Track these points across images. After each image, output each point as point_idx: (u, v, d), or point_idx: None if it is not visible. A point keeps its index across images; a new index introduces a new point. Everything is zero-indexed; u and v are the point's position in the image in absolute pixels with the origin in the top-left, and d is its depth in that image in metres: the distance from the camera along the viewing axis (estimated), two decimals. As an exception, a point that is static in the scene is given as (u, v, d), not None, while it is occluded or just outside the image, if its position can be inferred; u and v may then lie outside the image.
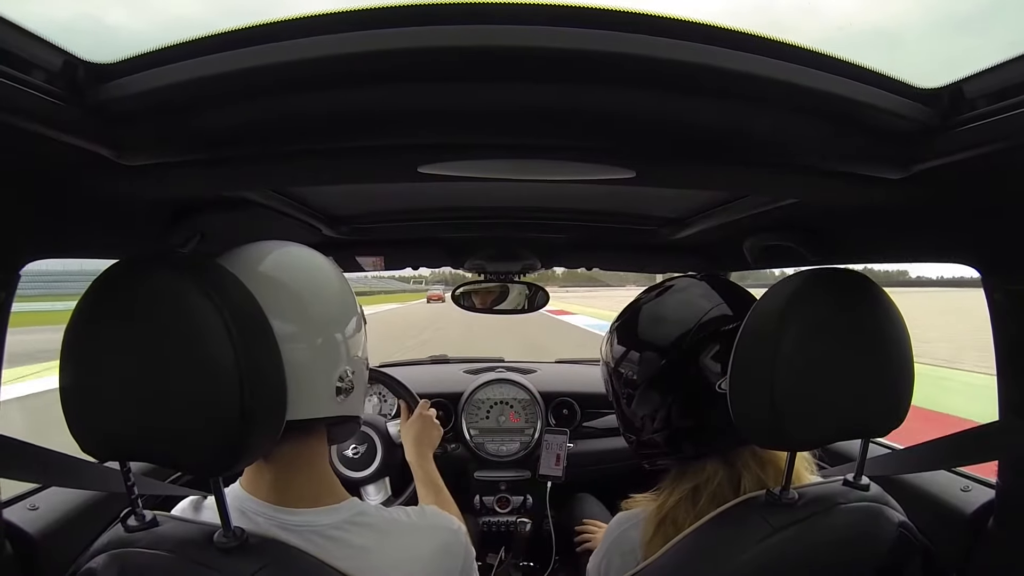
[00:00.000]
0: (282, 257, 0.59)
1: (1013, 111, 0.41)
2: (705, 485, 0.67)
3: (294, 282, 0.57)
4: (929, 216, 0.64)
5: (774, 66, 0.40)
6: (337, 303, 0.60)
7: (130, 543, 0.49)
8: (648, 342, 0.71)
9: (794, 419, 0.54)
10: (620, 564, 0.69)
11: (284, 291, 0.56)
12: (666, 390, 0.68)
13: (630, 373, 0.71)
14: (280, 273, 0.57)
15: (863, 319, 0.57)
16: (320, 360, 0.57)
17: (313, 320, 0.57)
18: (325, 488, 0.60)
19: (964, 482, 0.80)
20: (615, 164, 0.51)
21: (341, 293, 0.61)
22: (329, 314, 0.59)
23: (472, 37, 0.38)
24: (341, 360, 0.59)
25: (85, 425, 0.47)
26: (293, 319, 0.55)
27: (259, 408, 0.47)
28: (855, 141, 0.47)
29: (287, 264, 0.59)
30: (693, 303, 0.70)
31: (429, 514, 0.64)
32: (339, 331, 0.59)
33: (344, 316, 0.60)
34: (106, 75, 0.42)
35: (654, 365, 0.69)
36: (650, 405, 0.70)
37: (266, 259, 0.58)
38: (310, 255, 0.61)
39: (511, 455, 1.57)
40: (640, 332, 0.73)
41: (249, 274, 0.54)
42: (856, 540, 0.57)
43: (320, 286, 0.59)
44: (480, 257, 1.33)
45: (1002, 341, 0.63)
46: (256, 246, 0.59)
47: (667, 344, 0.68)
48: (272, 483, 0.57)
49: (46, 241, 0.60)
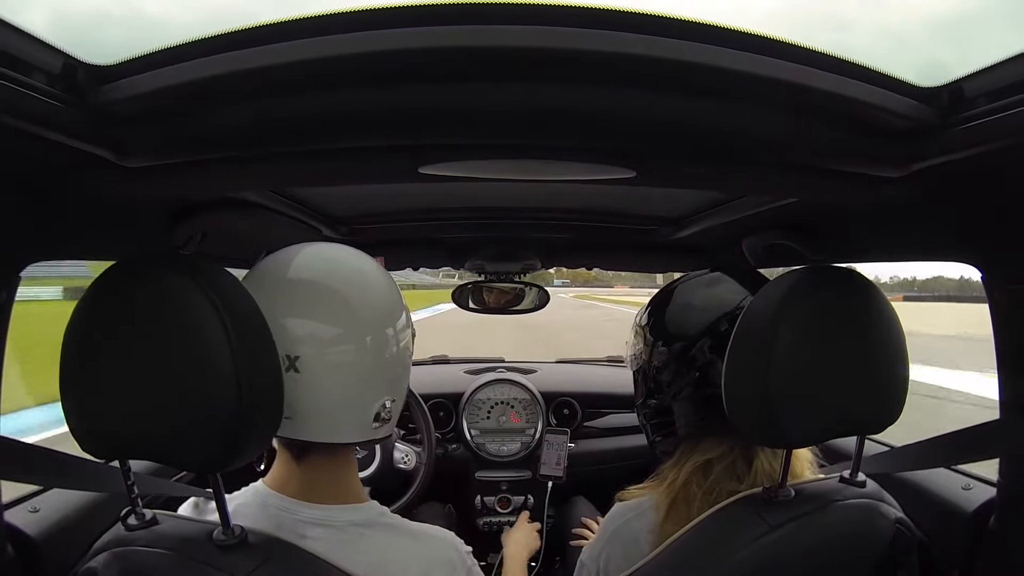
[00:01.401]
0: (321, 258, 0.60)
1: (1013, 109, 0.41)
2: (720, 459, 0.67)
3: (338, 283, 0.57)
4: (929, 215, 0.64)
5: (773, 65, 0.40)
6: (385, 301, 0.60)
7: (130, 541, 0.49)
8: (695, 306, 0.72)
9: (788, 416, 0.54)
10: (623, 553, 0.69)
11: (327, 293, 0.56)
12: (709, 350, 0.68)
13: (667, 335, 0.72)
14: (321, 275, 0.58)
15: (856, 316, 0.57)
16: (370, 368, 0.57)
17: (360, 319, 0.57)
18: (352, 491, 0.62)
19: (965, 480, 0.79)
20: (615, 164, 0.51)
21: (388, 291, 0.61)
22: (378, 312, 0.59)
23: (471, 37, 0.38)
24: (391, 368, 0.59)
25: (85, 424, 0.47)
26: (338, 320, 0.56)
27: (256, 405, 0.47)
28: (854, 140, 0.47)
29: (327, 265, 0.59)
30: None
31: (440, 531, 0.65)
32: (390, 326, 0.59)
33: (393, 313, 0.60)
34: (106, 77, 0.42)
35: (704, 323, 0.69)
36: (682, 365, 0.70)
37: (305, 262, 0.59)
38: (353, 256, 0.62)
39: (512, 455, 1.57)
40: (687, 298, 0.74)
41: (287, 277, 0.55)
42: (853, 537, 0.58)
43: (365, 285, 0.59)
44: (480, 257, 1.33)
45: (1002, 340, 0.63)
46: (291, 249, 0.60)
47: (719, 307, 0.69)
48: (301, 483, 0.59)
49: (47, 243, 0.60)
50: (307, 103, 0.43)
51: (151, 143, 0.47)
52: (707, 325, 0.68)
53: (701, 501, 0.65)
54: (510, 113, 0.43)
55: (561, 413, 1.66)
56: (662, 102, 0.42)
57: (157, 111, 0.43)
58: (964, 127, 0.44)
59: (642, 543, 0.67)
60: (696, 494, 0.66)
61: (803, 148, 0.49)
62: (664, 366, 0.71)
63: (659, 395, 0.73)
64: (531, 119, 0.44)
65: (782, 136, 0.47)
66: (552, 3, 0.38)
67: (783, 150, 0.49)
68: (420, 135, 0.46)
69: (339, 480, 0.61)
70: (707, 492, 0.65)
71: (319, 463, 0.59)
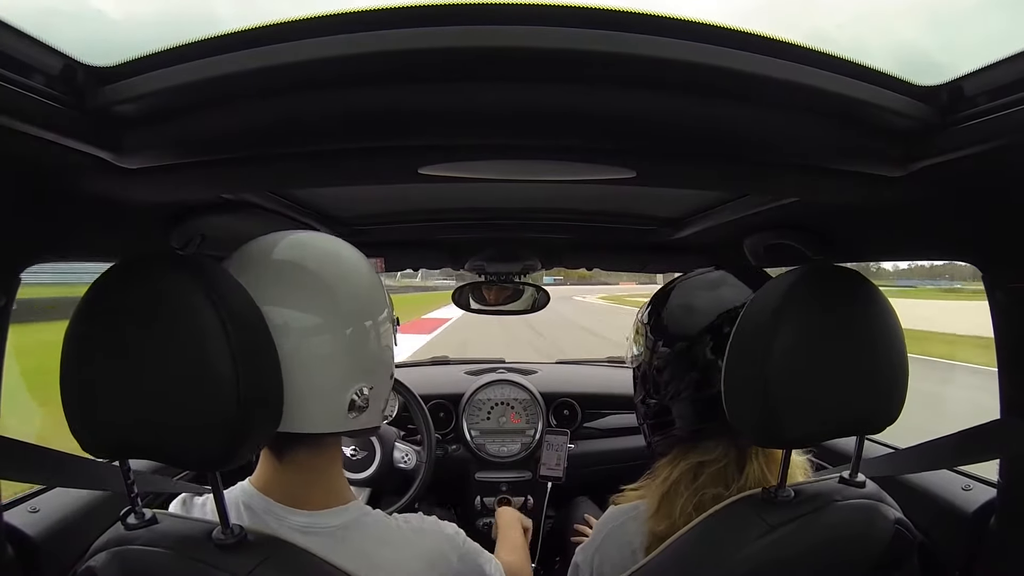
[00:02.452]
0: (305, 244, 0.59)
1: (1013, 108, 0.41)
2: (712, 463, 0.67)
3: (320, 269, 0.56)
4: (930, 213, 0.64)
5: (774, 65, 0.40)
6: (367, 291, 0.59)
7: (129, 541, 0.49)
8: (699, 309, 0.71)
9: (788, 416, 0.54)
10: (617, 556, 0.68)
11: (311, 278, 0.56)
12: (709, 351, 0.67)
13: (667, 333, 0.72)
14: (305, 261, 0.57)
15: (856, 316, 0.57)
16: (344, 356, 0.56)
17: (342, 309, 0.56)
18: (335, 492, 0.60)
19: (965, 481, 0.79)
20: (615, 164, 0.51)
21: (371, 281, 0.60)
22: (359, 303, 0.58)
23: (471, 38, 0.38)
24: (366, 359, 0.58)
25: (85, 424, 0.47)
26: (318, 309, 0.55)
27: (256, 403, 0.47)
28: (855, 139, 0.47)
29: (311, 251, 0.58)
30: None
31: (428, 522, 0.65)
32: (370, 319, 0.58)
33: (375, 305, 0.59)
34: (106, 78, 0.42)
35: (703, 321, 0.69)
36: (683, 366, 0.69)
37: (287, 247, 0.58)
38: (335, 243, 0.61)
39: (512, 456, 1.57)
40: (689, 297, 0.74)
41: (269, 263, 0.54)
42: (852, 537, 0.57)
43: (348, 273, 0.58)
44: (480, 258, 1.33)
45: (1003, 338, 0.63)
46: (275, 235, 0.59)
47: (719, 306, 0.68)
48: (286, 485, 0.57)
49: (47, 245, 0.60)
50: (306, 104, 0.43)
51: (151, 144, 0.47)
52: (708, 325, 0.68)
53: (686, 501, 0.65)
54: (510, 113, 0.43)
55: (561, 414, 1.66)
56: (662, 102, 0.42)
57: (156, 112, 0.43)
58: (964, 126, 0.44)
59: (636, 546, 0.67)
60: (683, 494, 0.66)
61: (803, 147, 0.49)
62: (664, 366, 0.71)
63: (658, 395, 0.72)
64: (531, 119, 0.44)
65: (783, 136, 0.47)
66: (552, 3, 0.38)
67: (783, 149, 0.49)
68: (419, 135, 0.46)
69: (322, 481, 0.59)
70: (692, 494, 0.65)
71: (301, 461, 0.57)
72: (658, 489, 0.69)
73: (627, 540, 0.69)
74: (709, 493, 0.65)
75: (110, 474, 0.58)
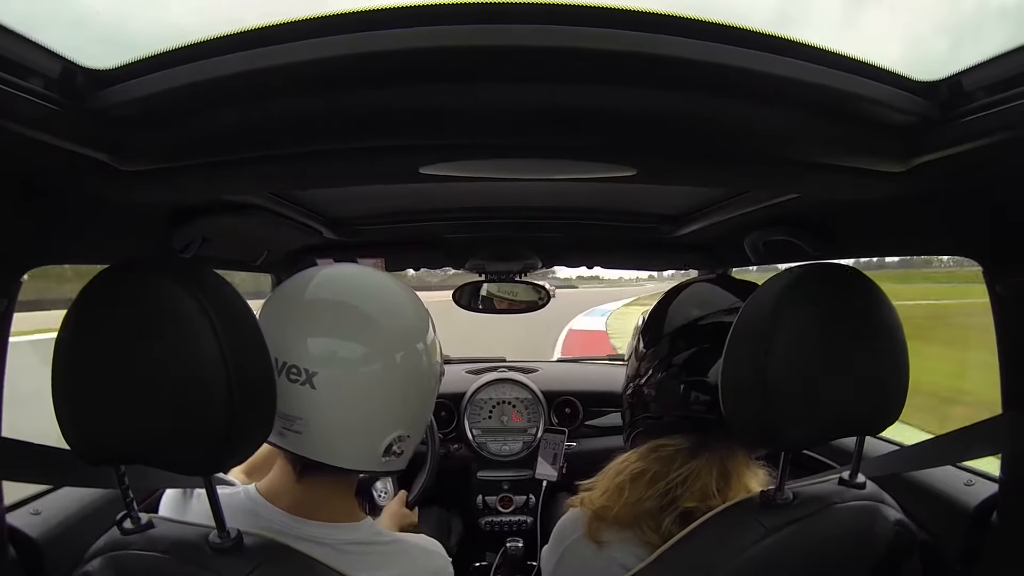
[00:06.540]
0: (344, 279, 0.60)
1: (1012, 103, 0.41)
2: (666, 447, 0.66)
3: (361, 302, 0.58)
4: (930, 209, 0.64)
5: (773, 61, 0.40)
6: (412, 316, 0.60)
7: (125, 545, 0.49)
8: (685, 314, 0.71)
9: (787, 417, 0.53)
10: (579, 568, 0.66)
11: (351, 311, 0.57)
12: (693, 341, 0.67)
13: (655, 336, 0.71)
14: (345, 296, 0.58)
15: (856, 315, 0.56)
16: (387, 389, 0.57)
17: (386, 340, 0.57)
18: (345, 509, 0.61)
19: (967, 476, 0.79)
20: (615, 162, 0.51)
21: (414, 305, 0.61)
22: (405, 333, 0.59)
23: (471, 37, 0.38)
24: (411, 401, 0.59)
25: (78, 429, 0.47)
26: (363, 339, 0.56)
27: (248, 406, 0.47)
28: (855, 135, 0.47)
29: (350, 286, 0.59)
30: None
31: (432, 544, 0.66)
32: (418, 348, 0.59)
33: (420, 335, 0.60)
34: (105, 80, 0.42)
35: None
36: (671, 373, 0.68)
37: (329, 283, 0.59)
38: (384, 279, 0.62)
39: (514, 455, 1.57)
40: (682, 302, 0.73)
41: (318, 297, 0.56)
42: (852, 539, 0.57)
43: (389, 302, 0.59)
44: (481, 257, 1.33)
45: (1004, 334, 0.63)
46: (317, 270, 0.60)
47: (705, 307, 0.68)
48: (296, 498, 0.58)
49: (47, 247, 0.60)
50: (307, 104, 0.42)
51: (150, 146, 0.47)
52: (683, 330, 0.68)
53: (623, 509, 0.64)
54: (510, 112, 0.43)
55: (563, 412, 1.66)
56: (661, 99, 0.42)
57: (156, 114, 0.43)
58: (963, 121, 0.44)
59: (596, 560, 0.64)
60: (629, 501, 0.64)
61: (803, 144, 0.49)
62: (651, 371, 0.71)
63: (640, 401, 0.73)
64: (531, 118, 0.44)
65: (783, 132, 0.47)
66: (551, 2, 0.38)
67: (784, 146, 0.49)
68: (420, 135, 0.46)
69: (334, 502, 0.60)
70: (644, 500, 0.64)
71: (320, 483, 0.58)
72: (607, 483, 0.69)
73: (587, 556, 0.65)
74: (681, 506, 0.62)
75: (111, 472, 0.58)
